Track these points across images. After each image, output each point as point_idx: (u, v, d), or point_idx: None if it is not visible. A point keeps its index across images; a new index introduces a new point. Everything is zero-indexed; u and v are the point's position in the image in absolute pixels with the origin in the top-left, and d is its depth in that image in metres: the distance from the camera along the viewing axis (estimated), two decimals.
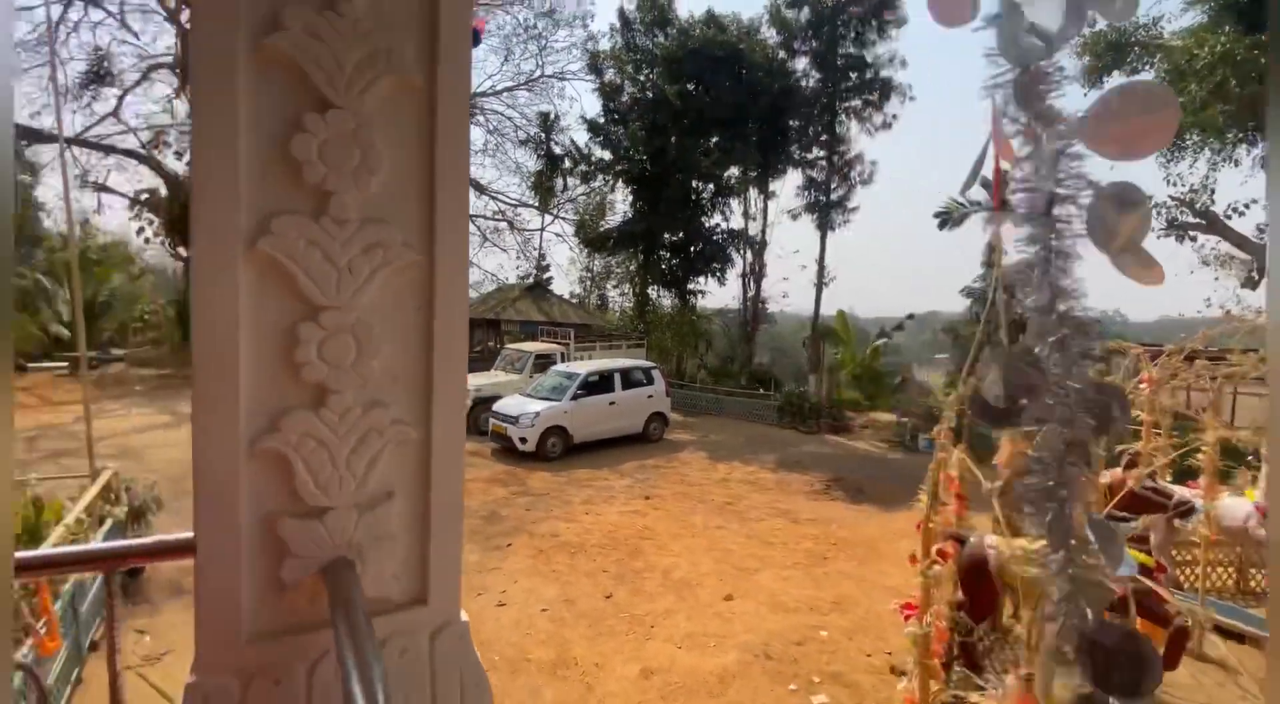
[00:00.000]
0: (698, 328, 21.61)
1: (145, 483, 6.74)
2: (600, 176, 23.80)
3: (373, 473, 1.11)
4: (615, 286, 41.97)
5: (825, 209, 21.06)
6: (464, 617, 1.20)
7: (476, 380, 14.35)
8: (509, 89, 25.74)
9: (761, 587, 6.46)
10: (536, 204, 26.98)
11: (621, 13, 21.60)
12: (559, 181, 26.24)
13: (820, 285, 21.09)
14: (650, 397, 13.15)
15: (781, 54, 20.67)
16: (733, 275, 22.85)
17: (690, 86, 19.88)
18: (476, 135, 32.07)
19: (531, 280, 26.34)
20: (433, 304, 1.14)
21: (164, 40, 22.37)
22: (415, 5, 1.10)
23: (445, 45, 1.12)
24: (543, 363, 15.11)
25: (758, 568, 6.92)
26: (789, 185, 23.79)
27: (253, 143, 0.98)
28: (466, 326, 1.21)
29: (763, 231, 22.45)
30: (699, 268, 22.31)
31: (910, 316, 20.37)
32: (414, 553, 1.18)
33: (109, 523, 5.35)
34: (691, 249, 22.20)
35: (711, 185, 21.74)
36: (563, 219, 27.62)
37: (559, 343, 17.73)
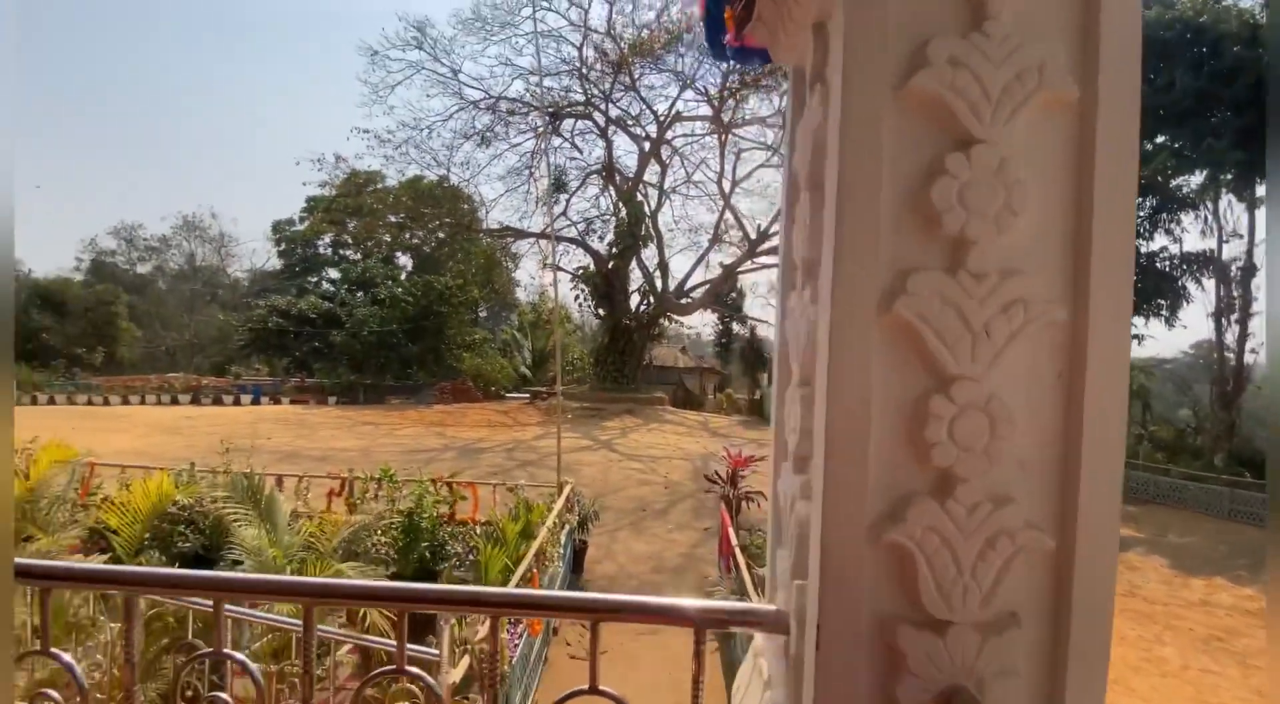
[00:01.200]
0: (1132, 385, 16.52)
1: (589, 496, 8.41)
2: None
3: (999, 587, 0.89)
4: None
5: None
6: None
7: None
8: None
9: None
10: None
11: None
12: None
13: None
14: None
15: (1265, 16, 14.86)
16: (1195, 314, 16.87)
17: None
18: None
19: None
20: (1083, 374, 0.88)
21: (596, 153, 29.46)
22: (1071, 7, 0.90)
23: (1109, 47, 0.88)
24: None
25: None
26: None
27: (892, 195, 0.90)
28: (1125, 403, 0.91)
29: (1248, 253, 16.07)
30: None
31: None
32: (1041, 699, 0.91)
33: (567, 528, 6.74)
34: None
35: (1143, 199, 16.78)
36: None
37: None
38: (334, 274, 41.08)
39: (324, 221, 35.35)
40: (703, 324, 34.84)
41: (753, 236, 27.70)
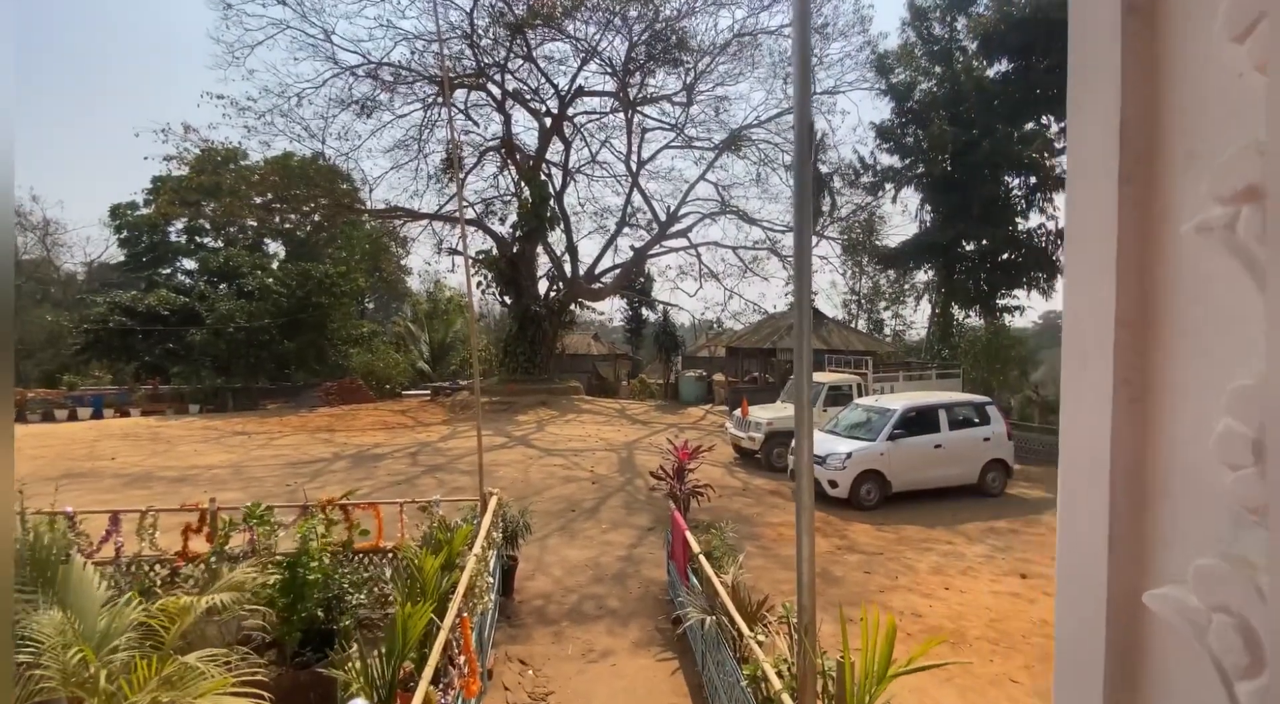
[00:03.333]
0: (1023, 353, 17.81)
1: (511, 500, 7.37)
2: (888, 186, 21.70)
3: None
4: (887, 307, 38.39)
5: None
6: None
7: (764, 413, 13.67)
8: (776, 117, 25.44)
9: None
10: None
11: (912, 5, 19.58)
12: (826, 201, 24.88)
13: None
14: (987, 440, 10.80)
15: None
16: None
17: (1011, 65, 16.88)
18: (739, 168, 32.32)
19: None
20: None
21: (492, 128, 27.56)
22: None
23: None
24: (835, 395, 13.75)
25: None
26: None
27: None
28: None
29: None
30: (1014, 279, 18.56)
31: None
32: None
33: (495, 549, 5.74)
34: (1004, 257, 18.62)
35: (1033, 178, 18.05)
36: (828, 238, 26.07)
37: (854, 372, 16.12)
38: (190, 264, 36.00)
39: (174, 204, 30.29)
40: (614, 310, 34.13)
41: (662, 218, 27.21)
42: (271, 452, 14.98)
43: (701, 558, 5.04)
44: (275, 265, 33.39)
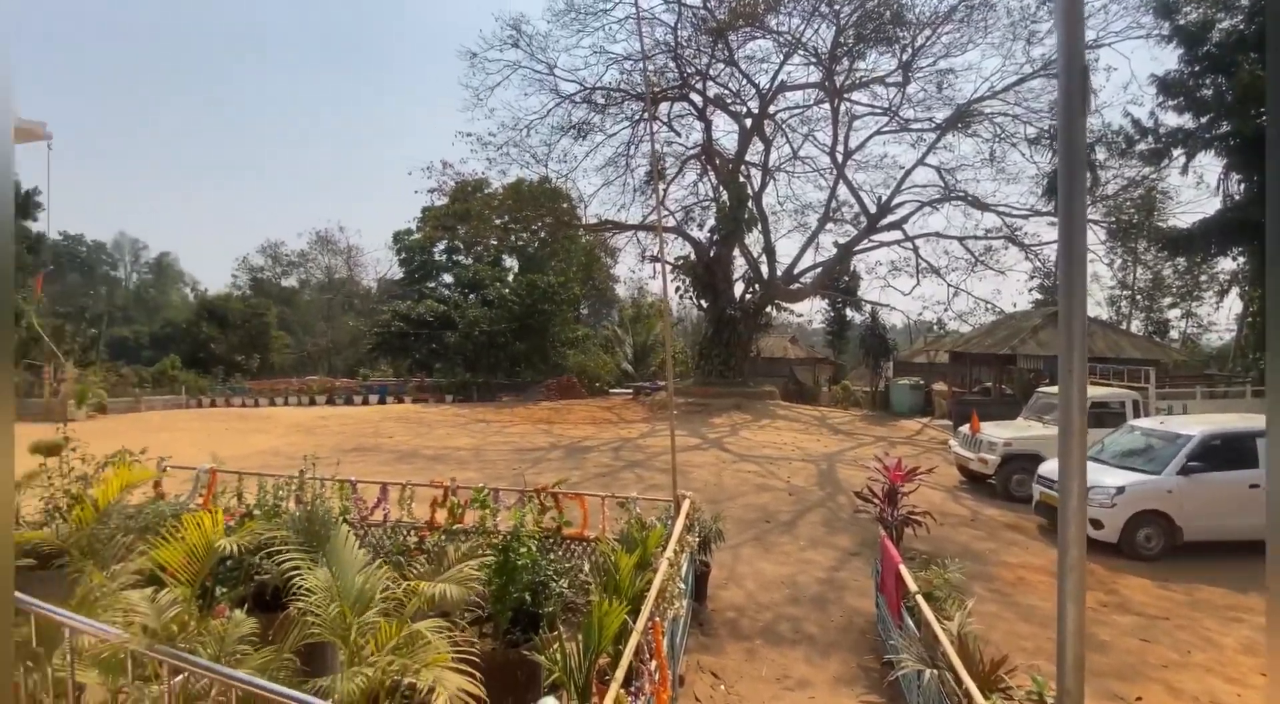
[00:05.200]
0: None
1: (703, 504, 7.30)
2: (1175, 153, 17.24)
3: None
4: (1174, 304, 30.47)
5: None
6: None
7: (1000, 431, 11.68)
8: (1015, 84, 21.83)
9: None
10: (1054, 209, 21.82)
11: None
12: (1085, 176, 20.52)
13: None
14: None
15: None
16: None
17: None
18: (968, 148, 28.58)
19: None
20: None
21: (693, 136, 28.14)
22: None
23: None
24: (1100, 414, 11.18)
25: None
26: None
27: None
28: None
29: None
30: None
31: None
32: None
33: (688, 552, 5.69)
34: None
35: None
36: (1090, 222, 21.47)
37: (1128, 386, 13.02)
38: (448, 278, 43.04)
39: (436, 229, 37.03)
40: (813, 311, 32.48)
41: (871, 210, 25.15)
42: (503, 438, 17.10)
43: (919, 598, 4.37)
44: (510, 278, 38.40)
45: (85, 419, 19.14)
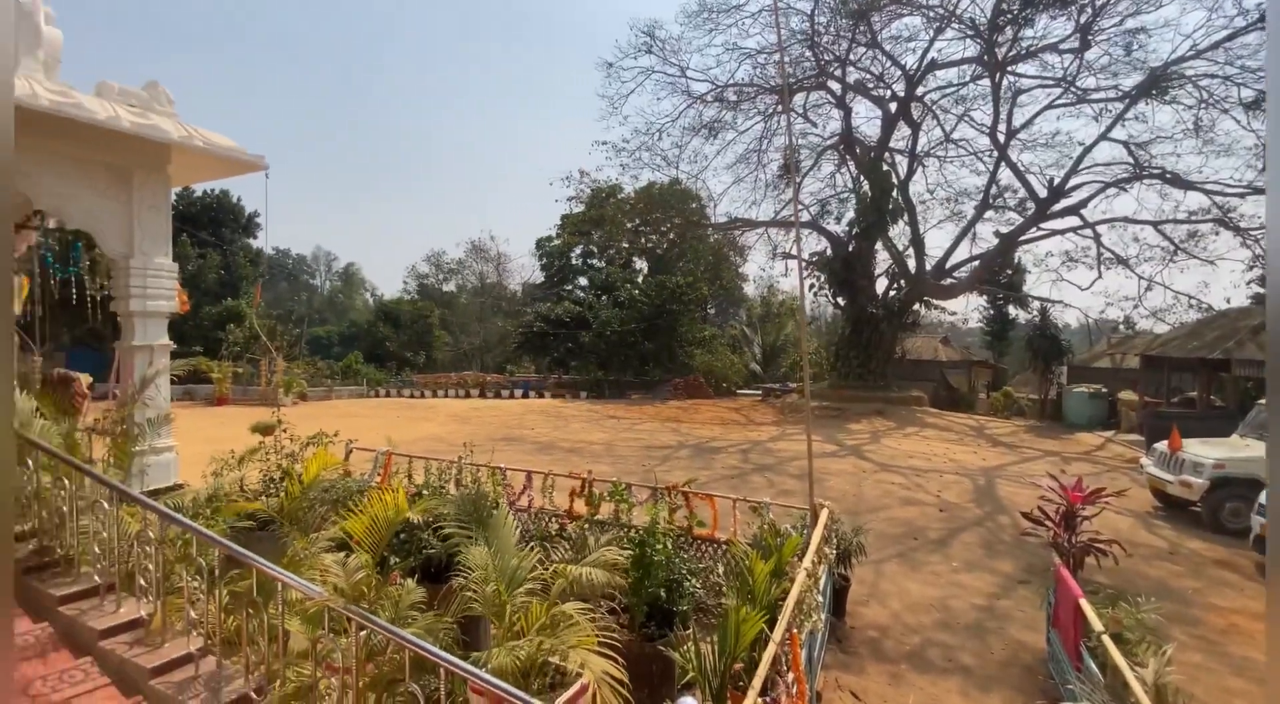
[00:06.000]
0: None
1: (840, 514, 6.92)
2: None
3: None
4: None
5: None
6: None
7: (1209, 450, 9.78)
8: (1226, 39, 18.16)
9: None
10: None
11: None
12: None
13: None
14: None
15: None
16: None
17: None
18: (1165, 118, 24.54)
19: None
20: None
21: (831, 126, 26.83)
22: None
23: None
24: None
25: None
26: None
27: None
28: None
29: None
30: None
31: None
32: None
33: (825, 565, 5.43)
34: None
35: None
36: None
37: None
38: (583, 281, 45.13)
39: (573, 235, 39.15)
40: (969, 309, 29.51)
41: (1041, 194, 22.32)
42: (633, 435, 17.56)
43: (1107, 640, 3.78)
44: (640, 279, 39.37)
45: (291, 405, 22.67)
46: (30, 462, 4.59)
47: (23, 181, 6.11)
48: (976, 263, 24.30)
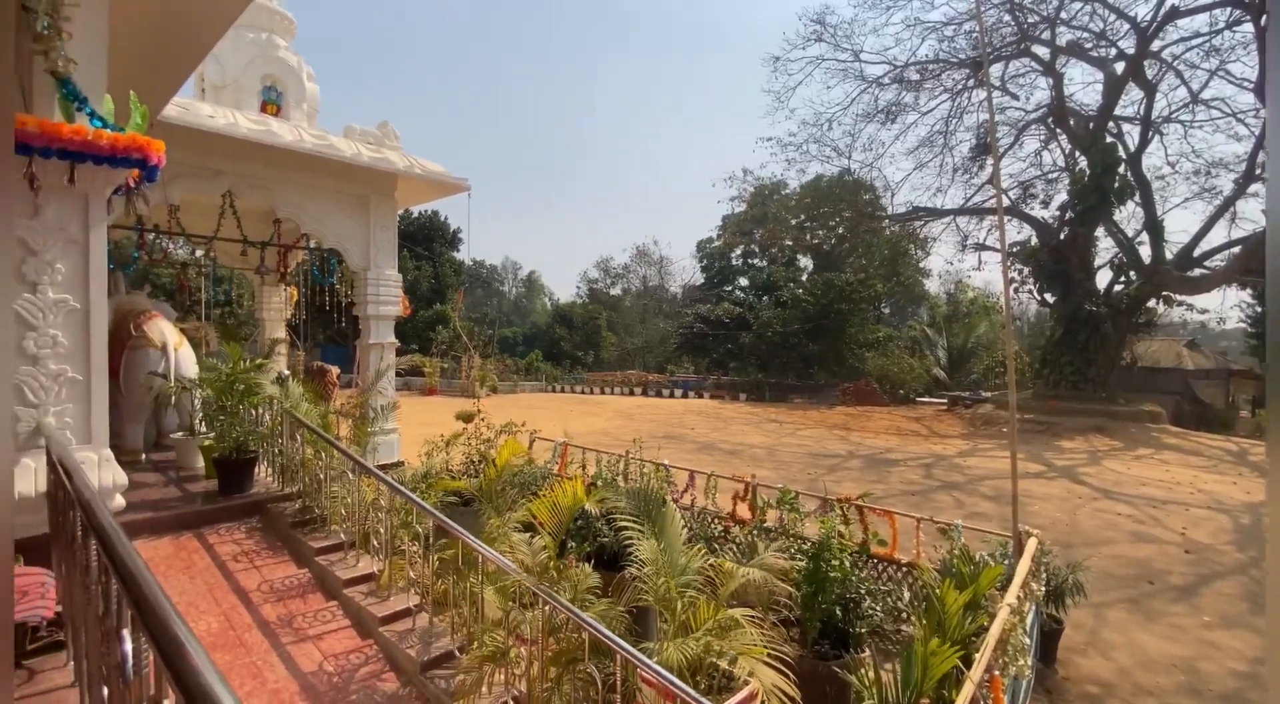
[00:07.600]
0: None
1: (1049, 545, 5.96)
2: None
3: None
4: None
5: None
6: None
7: None
8: None
9: None
10: None
11: None
12: None
13: None
14: None
15: None
16: None
17: None
18: None
19: None
20: None
21: (1035, 97, 23.35)
22: None
23: None
24: None
25: None
26: None
27: None
28: None
29: None
30: None
31: None
32: None
33: (1030, 602, 4.72)
34: None
35: None
36: None
37: None
38: (744, 282, 44.66)
39: (735, 235, 38.85)
40: (1225, 306, 23.80)
41: None
42: (796, 440, 16.92)
43: None
44: (804, 277, 37.87)
45: (485, 397, 25.55)
46: (299, 436, 5.70)
47: (294, 211, 7.62)
48: (1237, 249, 19.44)
